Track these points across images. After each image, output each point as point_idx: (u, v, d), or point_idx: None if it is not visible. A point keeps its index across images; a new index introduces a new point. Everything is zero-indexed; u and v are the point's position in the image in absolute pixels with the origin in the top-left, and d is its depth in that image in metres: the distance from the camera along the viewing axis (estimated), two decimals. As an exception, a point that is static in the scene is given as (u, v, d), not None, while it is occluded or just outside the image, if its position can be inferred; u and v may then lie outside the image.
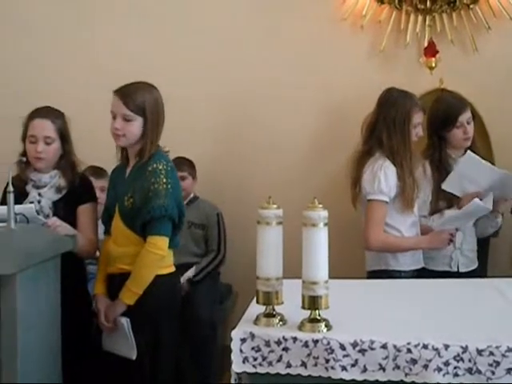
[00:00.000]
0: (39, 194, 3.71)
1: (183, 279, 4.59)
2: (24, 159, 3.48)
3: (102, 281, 3.71)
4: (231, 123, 5.29)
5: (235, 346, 2.85)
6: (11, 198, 3.04)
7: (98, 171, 4.71)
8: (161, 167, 3.49)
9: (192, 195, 4.97)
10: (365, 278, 4.25)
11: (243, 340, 2.84)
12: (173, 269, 3.65)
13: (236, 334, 2.86)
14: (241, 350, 2.84)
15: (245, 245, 5.15)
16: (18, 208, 3.15)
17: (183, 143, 4.54)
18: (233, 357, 2.85)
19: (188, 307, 4.33)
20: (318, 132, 5.21)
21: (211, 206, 5.03)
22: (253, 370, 2.83)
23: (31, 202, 3.60)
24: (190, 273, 4.76)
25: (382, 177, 4.07)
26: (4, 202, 3.67)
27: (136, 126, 3.53)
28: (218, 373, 4.95)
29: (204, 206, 5.00)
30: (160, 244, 3.46)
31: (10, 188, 3.06)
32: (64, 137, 3.77)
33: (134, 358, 3.50)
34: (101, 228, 3.83)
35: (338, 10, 5.09)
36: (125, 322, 3.50)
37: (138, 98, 3.52)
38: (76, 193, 3.75)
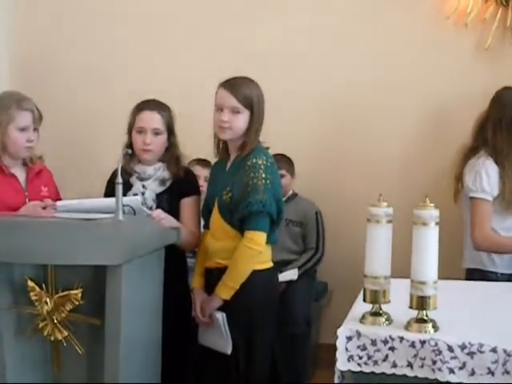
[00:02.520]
0: (143, 186, 3.73)
1: (283, 278, 4.59)
2: (130, 151, 3.49)
3: (200, 275, 3.72)
4: (329, 122, 5.27)
5: (341, 343, 2.82)
6: (120, 189, 3.06)
7: (204, 161, 4.74)
8: (260, 162, 3.48)
9: (291, 192, 4.96)
10: (461, 277, 4.21)
11: (349, 338, 2.81)
12: (270, 264, 3.63)
13: (342, 332, 2.83)
14: (346, 348, 2.82)
15: (340, 243, 5.15)
16: (126, 199, 3.17)
17: (282, 140, 4.51)
18: (338, 355, 2.82)
19: (284, 304, 4.32)
20: (421, 131, 5.16)
21: (310, 203, 5.01)
22: (358, 369, 2.80)
23: (135, 194, 3.62)
24: (293, 275, 4.74)
25: (484, 175, 4.02)
26: (108, 194, 3.77)
27: (242, 119, 3.52)
28: (310, 371, 4.96)
29: (303, 204, 4.98)
30: (257, 239, 3.44)
31: (119, 179, 3.08)
32: (170, 130, 3.78)
33: (229, 352, 3.50)
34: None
35: (440, 9, 5.01)
36: (220, 316, 3.50)
37: (246, 91, 3.52)
38: (180, 186, 3.76)
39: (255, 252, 3.44)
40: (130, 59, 5.63)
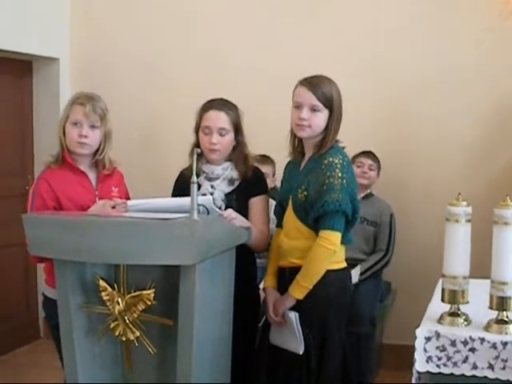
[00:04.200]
0: (212, 186, 3.71)
1: None
2: (199, 150, 3.47)
3: (273, 274, 3.69)
4: (400, 119, 5.24)
5: (419, 344, 2.78)
6: (195, 188, 3.03)
7: (263, 158, 4.74)
8: (337, 161, 3.43)
9: (368, 191, 4.92)
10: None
11: (428, 339, 2.77)
12: (344, 264, 3.59)
13: (420, 333, 2.79)
14: (425, 349, 2.77)
15: (405, 243, 5.11)
16: (199, 199, 3.15)
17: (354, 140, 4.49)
18: (416, 355, 2.78)
19: (350, 304, 4.29)
20: (497, 129, 5.13)
21: (386, 204, 4.99)
22: (436, 370, 2.76)
23: (203, 194, 3.60)
24: (354, 278, 4.69)
25: None
26: (175, 194, 3.76)
27: (322, 117, 3.49)
28: (374, 370, 4.92)
29: (379, 204, 4.97)
30: (332, 239, 3.39)
31: (195, 179, 3.05)
32: (237, 129, 3.75)
33: (301, 352, 3.47)
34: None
35: (506, 6, 4.93)
36: (293, 316, 3.47)
37: (325, 90, 3.48)
38: (248, 185, 3.73)
39: (330, 252, 3.39)
40: (193, 56, 5.65)
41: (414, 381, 2.82)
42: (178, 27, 5.76)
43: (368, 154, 4.60)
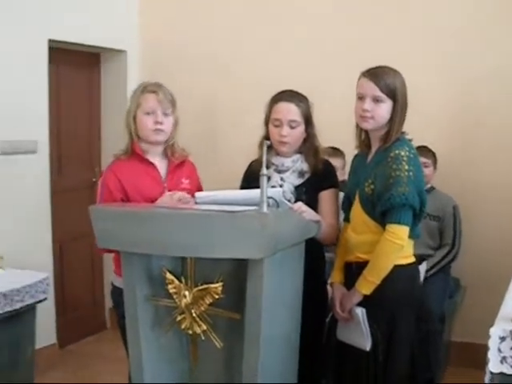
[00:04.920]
0: (281, 179, 3.67)
1: None
2: (268, 143, 3.43)
3: (340, 269, 3.65)
4: (468, 112, 5.14)
5: (493, 344, 2.68)
6: (265, 181, 2.98)
7: (333, 150, 4.71)
8: (403, 153, 3.36)
9: (429, 185, 4.83)
10: None
11: (502, 339, 2.67)
12: (412, 259, 3.52)
13: (494, 332, 2.69)
14: (499, 349, 2.67)
15: (474, 238, 5.02)
16: (269, 192, 3.10)
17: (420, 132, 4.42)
18: (490, 356, 2.68)
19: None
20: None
21: (448, 197, 4.90)
22: (511, 372, 2.66)
23: (273, 187, 3.56)
24: (422, 275, 4.59)
25: None
26: (244, 186, 3.73)
27: (385, 108, 3.42)
28: (442, 368, 4.85)
29: (441, 198, 4.88)
30: (400, 233, 3.32)
31: (264, 171, 3.01)
32: (308, 121, 3.70)
33: (368, 349, 3.42)
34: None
35: None
36: (360, 312, 3.42)
37: (388, 80, 3.41)
38: (318, 178, 3.68)
39: (397, 246, 3.32)
40: (258, 47, 5.64)
41: (487, 381, 2.73)
42: (244, 19, 5.74)
43: (421, 150, 4.48)
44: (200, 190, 3.81)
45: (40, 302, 4.66)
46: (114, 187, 3.60)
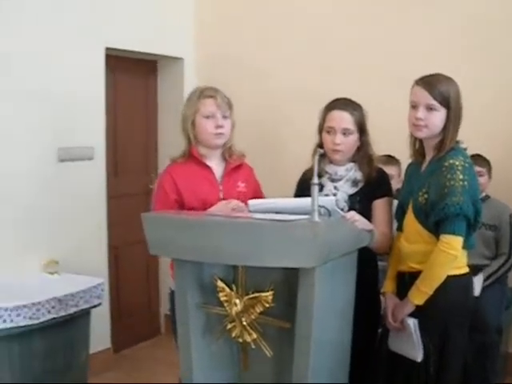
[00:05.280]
0: (335, 188, 3.66)
1: None
2: (321, 151, 3.42)
3: (392, 279, 3.62)
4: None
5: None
6: (316, 189, 2.98)
7: (388, 158, 4.70)
8: (458, 163, 3.31)
9: (484, 194, 4.77)
10: None
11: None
12: (466, 269, 3.46)
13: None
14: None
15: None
16: (321, 200, 3.09)
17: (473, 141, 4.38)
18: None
19: (475, 311, 4.15)
20: None
21: (504, 206, 4.83)
22: None
23: (326, 195, 3.55)
24: (478, 287, 4.54)
25: None
26: (298, 194, 3.72)
27: (439, 116, 3.38)
28: (499, 380, 4.78)
29: (496, 206, 4.80)
30: (454, 243, 3.28)
31: (316, 180, 3.00)
32: (362, 129, 3.69)
33: (419, 360, 3.38)
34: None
35: None
36: (412, 323, 3.38)
37: (442, 88, 3.37)
38: (372, 187, 3.66)
39: (451, 257, 3.28)
40: (317, 58, 5.63)
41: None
42: (301, 28, 5.74)
43: (476, 158, 4.42)
44: (258, 193, 3.86)
45: (94, 307, 4.72)
46: (169, 188, 3.65)
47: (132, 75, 6.10)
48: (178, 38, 6.18)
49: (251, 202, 3.46)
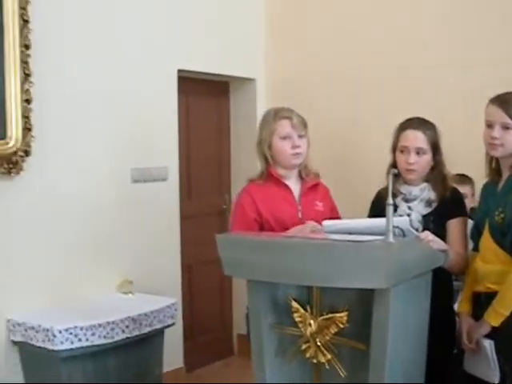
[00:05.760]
0: (409, 208, 3.64)
1: None
2: (395, 171, 3.41)
3: (468, 299, 3.55)
4: None
5: None
6: (390, 210, 2.97)
7: (462, 178, 4.63)
8: None
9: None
10: None
11: None
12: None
13: None
14: None
15: None
16: (395, 221, 3.08)
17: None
18: None
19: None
20: None
21: None
22: None
23: (400, 215, 3.53)
24: None
25: None
26: (372, 215, 3.71)
27: None
28: None
29: None
30: (532, 264, 3.24)
31: (390, 200, 3.00)
32: (436, 148, 3.67)
33: (496, 382, 3.31)
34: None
35: None
36: (488, 344, 3.32)
37: None
38: (446, 206, 3.63)
39: None
40: (392, 73, 5.60)
41: None
42: (375, 42, 5.71)
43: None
44: (334, 213, 3.87)
45: (168, 326, 4.76)
46: (248, 207, 3.69)
47: (204, 96, 6.15)
48: (249, 58, 6.22)
49: (325, 222, 3.45)
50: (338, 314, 3.14)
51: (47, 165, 4.58)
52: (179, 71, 5.53)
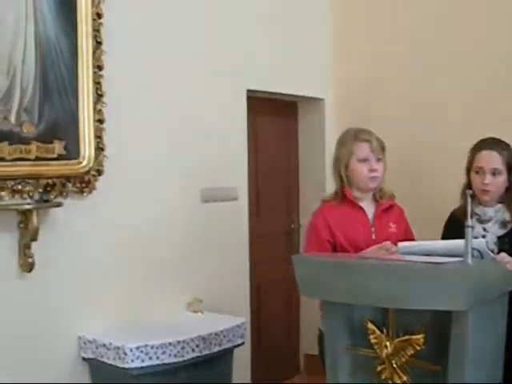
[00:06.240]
0: (484, 229, 3.61)
1: None
2: (471, 192, 3.39)
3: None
4: None
5: None
6: (469, 232, 2.94)
7: None
8: None
9: None
10: None
11: None
12: None
13: None
14: None
15: None
16: (473, 242, 3.05)
17: None
18: None
19: None
20: None
21: None
22: None
23: (475, 237, 3.49)
24: None
25: None
26: (446, 236, 3.68)
27: None
28: None
29: None
30: None
31: (469, 222, 2.97)
32: (510, 169, 3.64)
33: None
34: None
35: None
36: None
37: None
38: None
39: None
40: (463, 91, 5.54)
41: None
42: (451, 56, 5.67)
43: None
44: (409, 233, 3.85)
45: (237, 346, 4.75)
46: (322, 228, 3.69)
47: (273, 116, 6.18)
48: (317, 78, 6.24)
49: (401, 244, 3.45)
50: (414, 336, 3.11)
51: (119, 184, 4.62)
52: (248, 91, 5.56)
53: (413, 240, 3.77)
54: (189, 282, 5.09)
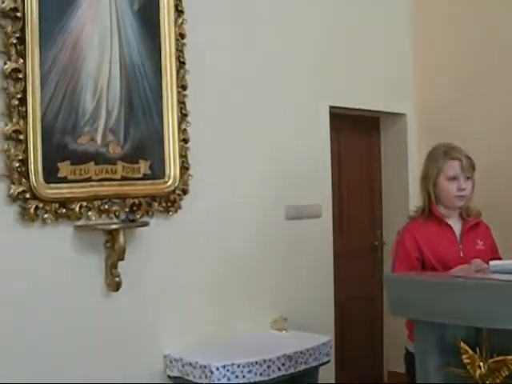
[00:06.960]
0: None
1: None
2: None
3: None
4: None
5: None
6: None
7: None
8: None
9: None
10: None
11: None
12: None
13: None
14: None
15: None
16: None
17: None
18: None
19: None
20: None
21: None
22: None
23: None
24: None
25: None
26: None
27: None
28: None
29: None
30: None
31: None
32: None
33: None
34: None
35: None
36: None
37: None
38: None
39: None
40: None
41: None
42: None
43: None
44: (494, 252, 3.79)
45: (323, 364, 4.72)
46: (410, 246, 3.67)
47: (355, 132, 6.17)
48: (399, 93, 6.20)
49: (492, 262, 3.38)
50: (509, 357, 3.03)
51: (204, 203, 4.65)
52: (331, 108, 5.54)
53: (499, 258, 3.71)
54: (273, 300, 5.10)
